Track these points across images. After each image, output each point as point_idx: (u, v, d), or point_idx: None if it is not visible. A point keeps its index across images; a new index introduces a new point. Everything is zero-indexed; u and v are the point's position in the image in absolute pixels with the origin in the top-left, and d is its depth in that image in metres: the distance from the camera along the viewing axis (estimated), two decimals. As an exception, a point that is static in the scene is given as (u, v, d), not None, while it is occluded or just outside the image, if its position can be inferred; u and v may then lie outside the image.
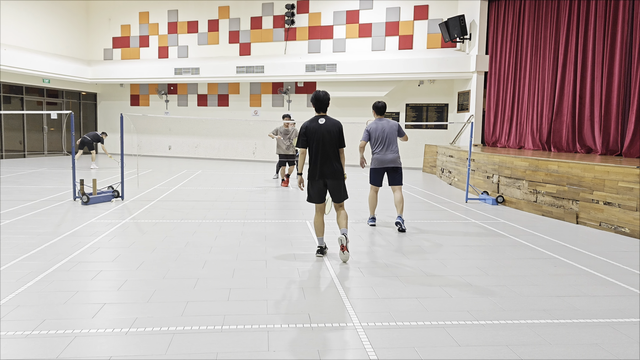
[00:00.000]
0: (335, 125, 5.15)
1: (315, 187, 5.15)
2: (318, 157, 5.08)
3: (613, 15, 10.81)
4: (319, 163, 5.08)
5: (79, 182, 8.39)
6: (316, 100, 5.20)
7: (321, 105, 5.20)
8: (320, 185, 5.15)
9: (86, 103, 21.21)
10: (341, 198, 5.21)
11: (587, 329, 3.47)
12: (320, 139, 5.07)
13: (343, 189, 5.21)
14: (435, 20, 16.20)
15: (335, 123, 5.18)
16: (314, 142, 5.09)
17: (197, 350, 3.03)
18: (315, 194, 5.18)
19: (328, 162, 5.08)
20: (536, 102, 12.95)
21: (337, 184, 5.14)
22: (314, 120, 5.17)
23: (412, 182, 12.72)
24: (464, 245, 5.94)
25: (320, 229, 5.26)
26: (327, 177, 5.10)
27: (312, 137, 5.10)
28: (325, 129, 5.09)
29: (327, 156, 5.08)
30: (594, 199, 7.17)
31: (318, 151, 5.07)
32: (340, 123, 5.24)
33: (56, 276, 4.41)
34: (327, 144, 5.07)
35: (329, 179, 5.11)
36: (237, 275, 4.56)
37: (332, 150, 5.10)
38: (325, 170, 5.09)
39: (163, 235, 6.10)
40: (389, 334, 3.32)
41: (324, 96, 5.18)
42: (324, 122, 5.13)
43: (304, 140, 5.17)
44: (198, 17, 19.09)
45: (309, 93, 18.24)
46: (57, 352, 2.97)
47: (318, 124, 5.12)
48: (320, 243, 5.29)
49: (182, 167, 15.79)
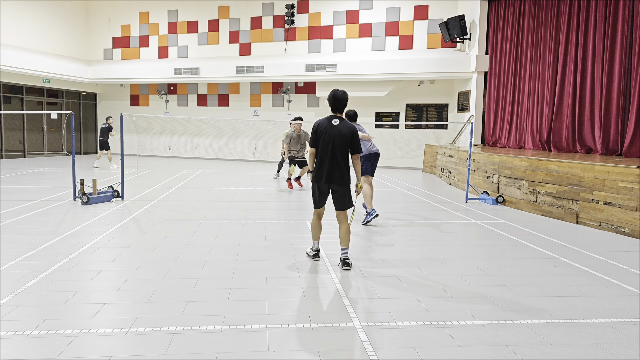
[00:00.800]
0: (349, 129, 4.81)
1: (320, 191, 4.88)
2: (326, 160, 4.78)
3: (613, 15, 10.81)
4: (326, 166, 4.78)
5: (79, 182, 8.39)
6: (334, 100, 4.86)
7: (339, 105, 4.88)
8: (325, 189, 4.88)
9: (86, 103, 21.21)
10: (345, 206, 4.89)
11: (587, 329, 3.47)
12: (331, 140, 4.75)
13: (348, 197, 4.90)
14: (435, 20, 16.20)
15: (350, 126, 4.84)
16: (324, 143, 4.77)
17: (197, 350, 3.03)
18: (316, 198, 4.93)
19: (337, 166, 4.77)
20: (536, 102, 12.95)
21: (342, 190, 4.85)
22: (328, 119, 4.85)
23: (412, 182, 12.72)
24: (464, 245, 5.94)
25: (317, 234, 5.06)
26: (334, 182, 4.81)
27: (321, 137, 4.79)
28: (337, 130, 4.77)
29: (336, 160, 4.77)
30: (594, 199, 7.17)
31: (327, 153, 4.77)
32: (355, 127, 4.93)
33: (56, 276, 4.40)
34: (337, 147, 4.75)
35: (334, 184, 4.82)
36: (237, 275, 4.56)
37: (342, 155, 4.79)
38: (333, 175, 4.79)
39: (163, 235, 6.10)
40: (389, 334, 3.32)
41: (342, 96, 4.85)
42: (337, 123, 4.80)
43: (314, 140, 4.87)
44: (198, 17, 19.09)
45: (309, 93, 18.25)
46: (57, 352, 2.97)
47: (331, 124, 4.80)
48: (315, 247, 5.12)
49: (182, 167, 15.79)
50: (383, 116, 17.46)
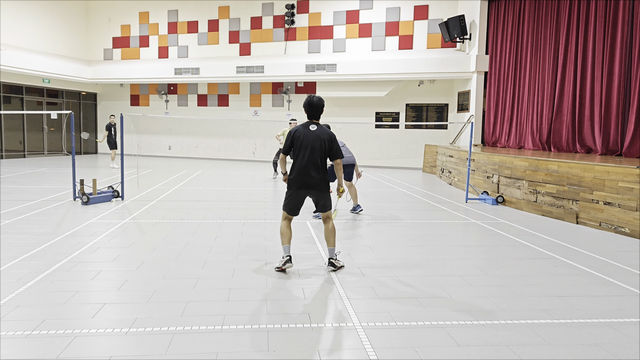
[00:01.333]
0: (327, 134, 4.71)
1: (295, 198, 4.70)
2: (303, 166, 4.61)
3: (613, 15, 10.81)
4: (303, 172, 4.62)
5: (79, 182, 8.40)
6: (309, 107, 4.73)
7: (314, 112, 4.75)
8: (301, 197, 4.70)
9: (86, 103, 21.21)
10: (327, 208, 4.79)
11: (587, 329, 3.47)
12: (309, 145, 4.61)
13: (327, 198, 4.77)
14: (435, 20, 16.20)
15: (328, 132, 4.75)
16: (302, 148, 4.63)
17: (197, 350, 3.03)
18: (292, 205, 4.72)
19: (314, 172, 4.62)
20: (536, 102, 12.95)
21: (322, 195, 4.71)
22: (304, 126, 4.73)
23: (412, 182, 12.72)
24: (464, 245, 5.94)
25: (287, 237, 4.74)
26: (311, 188, 4.65)
27: (298, 144, 4.65)
28: (315, 135, 4.65)
29: (314, 165, 4.61)
30: (594, 199, 7.17)
31: (304, 159, 4.61)
32: (333, 134, 4.81)
33: (56, 276, 4.40)
34: (315, 153, 4.61)
35: (313, 190, 4.67)
36: (237, 275, 4.56)
37: (321, 160, 4.66)
38: (310, 182, 4.62)
39: (163, 235, 6.10)
40: (389, 334, 3.32)
41: (317, 102, 4.72)
42: (315, 129, 4.69)
43: (288, 146, 4.71)
44: (198, 17, 19.09)
45: (309, 93, 18.25)
46: (57, 352, 2.97)
47: (309, 129, 4.68)
48: (286, 252, 4.70)
49: (182, 167, 15.79)
50: (383, 116, 17.46)
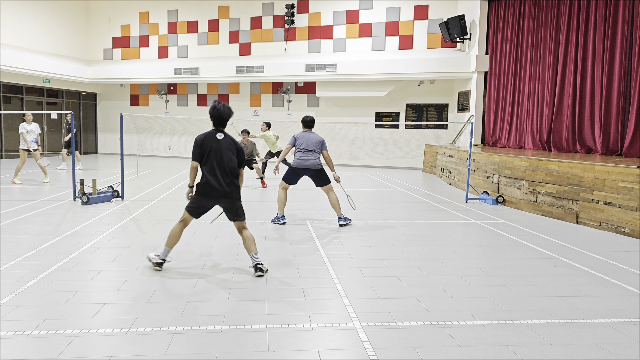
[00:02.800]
0: (234, 144, 4.62)
1: (200, 204, 4.60)
2: (211, 176, 4.49)
3: (613, 15, 10.81)
4: (212, 182, 4.49)
5: (79, 182, 8.39)
6: (217, 116, 4.56)
7: (221, 121, 4.60)
8: (209, 205, 4.62)
9: (86, 103, 21.20)
10: (238, 217, 4.66)
11: (587, 329, 3.47)
12: (218, 155, 4.51)
13: (240, 207, 4.67)
14: (435, 20, 16.20)
15: (234, 141, 4.64)
16: (209, 158, 4.50)
17: (197, 350, 3.03)
18: (196, 210, 4.64)
19: (224, 181, 4.51)
20: (536, 102, 12.95)
21: (233, 203, 4.61)
22: (211, 133, 4.58)
23: (412, 182, 12.72)
24: (464, 245, 5.94)
25: (175, 240, 4.67)
26: (221, 197, 4.53)
27: (206, 152, 4.51)
28: (224, 145, 4.55)
29: (224, 174, 4.51)
30: (594, 199, 7.17)
31: (213, 169, 4.50)
32: (238, 142, 4.68)
33: (56, 276, 4.40)
34: (225, 162, 4.51)
35: (222, 198, 4.55)
36: (237, 275, 4.56)
37: (231, 169, 4.55)
38: (219, 191, 4.50)
39: (163, 235, 6.09)
40: (389, 334, 3.32)
41: (224, 111, 4.57)
42: (222, 138, 4.57)
43: (199, 153, 4.53)
44: (198, 17, 19.09)
45: (309, 93, 18.25)
46: (57, 352, 2.97)
47: (216, 138, 4.55)
48: (164, 255, 4.65)
49: (182, 167, 15.78)
50: (383, 116, 17.46)
